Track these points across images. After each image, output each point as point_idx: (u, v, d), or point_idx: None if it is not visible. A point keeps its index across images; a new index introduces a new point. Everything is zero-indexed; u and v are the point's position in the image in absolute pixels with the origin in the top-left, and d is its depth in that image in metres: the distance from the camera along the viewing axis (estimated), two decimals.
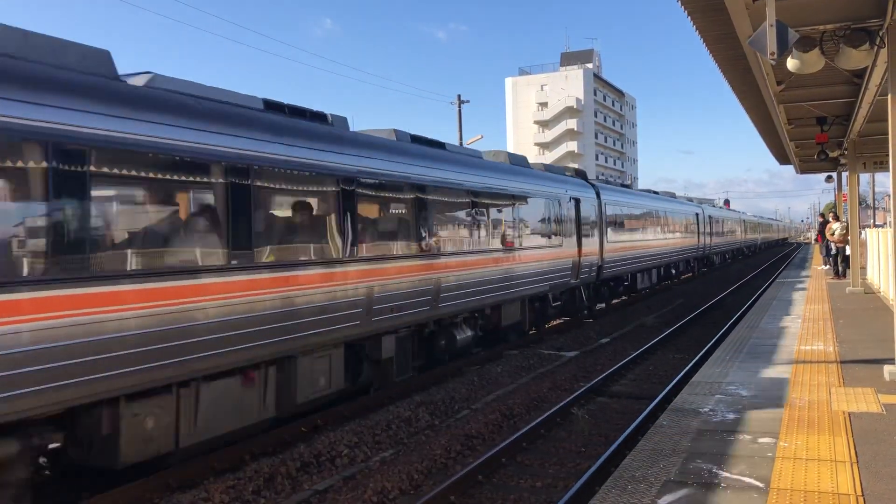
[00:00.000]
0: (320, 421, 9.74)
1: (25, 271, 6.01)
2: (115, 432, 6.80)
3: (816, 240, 29.06)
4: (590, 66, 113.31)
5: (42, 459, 7.11)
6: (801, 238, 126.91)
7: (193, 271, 7.44)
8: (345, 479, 7.81)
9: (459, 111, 39.98)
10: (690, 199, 44.19)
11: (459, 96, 39.89)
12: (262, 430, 8.83)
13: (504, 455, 8.43)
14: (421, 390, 11.70)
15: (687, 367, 12.73)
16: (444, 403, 10.90)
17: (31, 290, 5.98)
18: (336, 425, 9.66)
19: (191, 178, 7.71)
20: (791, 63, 9.57)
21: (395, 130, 12.08)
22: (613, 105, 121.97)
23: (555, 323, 18.90)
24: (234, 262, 7.86)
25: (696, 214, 36.98)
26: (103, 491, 7.11)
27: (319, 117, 10.13)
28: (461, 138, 39.24)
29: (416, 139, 12.57)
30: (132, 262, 6.92)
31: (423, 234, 11.66)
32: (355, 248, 9.86)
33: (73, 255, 6.32)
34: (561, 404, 10.49)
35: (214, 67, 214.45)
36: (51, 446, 6.72)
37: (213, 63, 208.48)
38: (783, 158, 28.25)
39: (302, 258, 9.08)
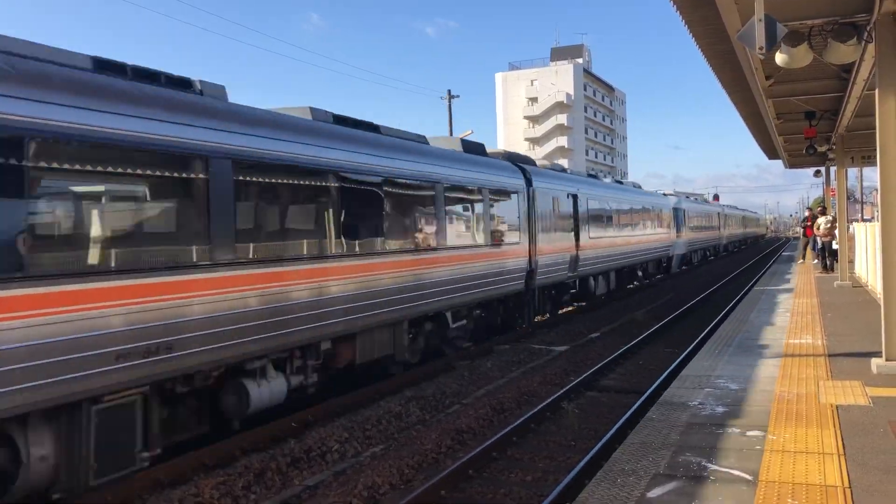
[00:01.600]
0: (311, 416, 9.73)
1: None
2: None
3: (805, 234, 29.42)
4: (580, 61, 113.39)
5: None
6: (790, 233, 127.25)
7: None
8: (335, 474, 7.81)
9: (450, 106, 39.94)
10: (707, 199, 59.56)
11: (450, 91, 39.83)
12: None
13: (495, 449, 8.45)
14: (411, 385, 11.71)
15: (676, 361, 12.79)
16: (435, 398, 10.91)
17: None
18: (326, 420, 9.65)
19: None
20: (779, 58, 9.61)
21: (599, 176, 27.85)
22: (603, 100, 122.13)
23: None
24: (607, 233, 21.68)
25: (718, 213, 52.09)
26: (97, 488, 7.07)
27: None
28: (451, 133, 39.18)
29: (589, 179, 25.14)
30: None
31: (617, 227, 23.94)
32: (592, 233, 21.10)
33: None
34: (551, 399, 10.51)
35: (211, 65, 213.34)
36: None
37: (209, 60, 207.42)
38: (772, 153, 28.40)
39: (612, 235, 22.59)
